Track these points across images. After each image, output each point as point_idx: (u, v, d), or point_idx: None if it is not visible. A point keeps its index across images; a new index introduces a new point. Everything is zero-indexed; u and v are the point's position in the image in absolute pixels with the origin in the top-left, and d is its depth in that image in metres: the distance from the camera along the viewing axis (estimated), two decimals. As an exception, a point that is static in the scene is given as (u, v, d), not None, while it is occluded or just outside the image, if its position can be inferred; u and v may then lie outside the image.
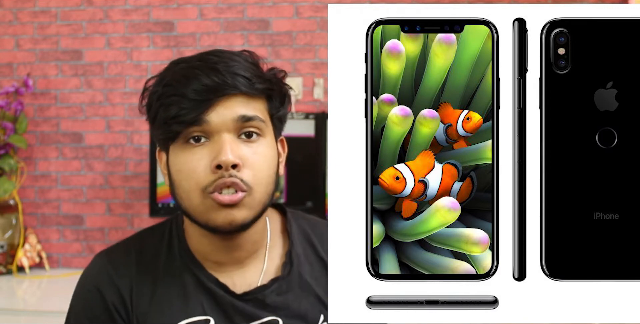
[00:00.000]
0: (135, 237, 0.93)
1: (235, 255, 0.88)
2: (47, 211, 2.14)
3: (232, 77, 0.80)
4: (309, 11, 2.09)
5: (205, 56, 0.84)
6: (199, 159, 0.81)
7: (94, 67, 2.14)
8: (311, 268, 0.91)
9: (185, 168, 0.82)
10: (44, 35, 2.15)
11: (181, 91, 0.80)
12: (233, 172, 0.80)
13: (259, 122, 0.82)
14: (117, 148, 2.13)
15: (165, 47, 2.13)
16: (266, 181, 0.83)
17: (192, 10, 2.12)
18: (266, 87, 0.84)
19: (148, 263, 0.89)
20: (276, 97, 0.86)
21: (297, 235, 0.93)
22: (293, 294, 0.88)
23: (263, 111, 0.84)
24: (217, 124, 0.80)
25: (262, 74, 0.84)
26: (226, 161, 0.79)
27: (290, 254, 0.90)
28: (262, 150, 0.83)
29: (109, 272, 0.88)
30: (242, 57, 0.84)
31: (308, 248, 0.92)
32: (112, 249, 0.92)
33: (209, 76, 0.80)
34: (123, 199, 2.12)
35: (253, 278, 0.89)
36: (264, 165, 0.83)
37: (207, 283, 0.87)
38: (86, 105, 2.14)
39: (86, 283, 0.90)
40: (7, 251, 2.02)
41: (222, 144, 0.80)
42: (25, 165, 2.12)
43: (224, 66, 0.81)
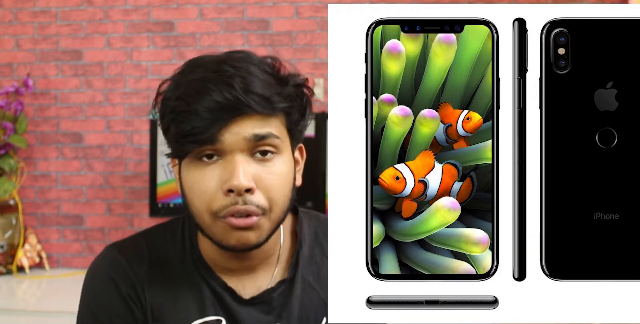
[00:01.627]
0: (146, 234, 0.91)
1: (247, 264, 0.87)
2: (47, 211, 2.14)
3: (247, 96, 0.76)
4: (309, 11, 2.09)
5: (220, 67, 0.78)
6: (210, 179, 0.78)
7: (94, 67, 2.14)
8: (317, 270, 0.90)
9: (196, 187, 0.79)
10: (44, 35, 2.15)
11: (193, 107, 0.76)
12: (247, 196, 0.77)
13: (274, 139, 0.79)
14: (117, 148, 2.13)
15: (165, 47, 2.12)
16: (282, 201, 0.81)
17: (192, 10, 2.12)
18: (286, 106, 0.80)
19: (160, 263, 0.88)
20: (296, 112, 0.82)
21: (306, 236, 0.91)
22: (296, 296, 0.88)
23: (280, 127, 0.80)
24: (230, 143, 0.77)
25: (281, 90, 0.80)
26: (238, 185, 0.76)
27: (297, 256, 0.89)
28: (278, 169, 0.80)
29: (122, 264, 0.87)
30: (261, 67, 0.79)
31: (316, 249, 0.91)
32: (123, 243, 0.90)
33: (222, 93, 0.76)
34: (123, 199, 2.12)
35: (264, 281, 0.88)
36: (279, 186, 0.80)
37: (217, 287, 0.86)
38: (86, 105, 2.14)
39: (98, 273, 0.88)
40: (7, 251, 2.02)
41: (234, 165, 0.77)
42: (25, 165, 2.12)
43: (239, 81, 0.76)
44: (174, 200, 1.91)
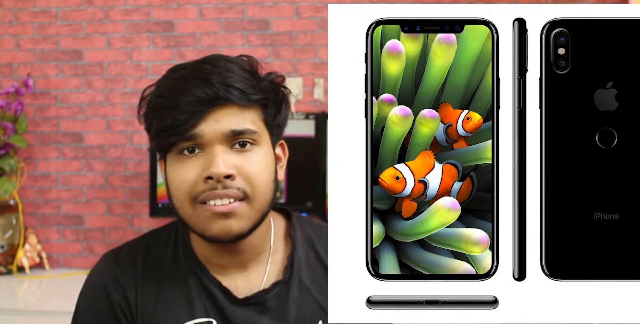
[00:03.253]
0: (142, 240, 0.93)
1: (238, 259, 0.88)
2: (47, 211, 2.14)
3: (224, 90, 0.80)
4: (309, 11, 2.09)
5: (199, 65, 0.83)
6: (190, 169, 0.81)
7: (94, 67, 2.14)
8: (312, 273, 0.91)
9: (176, 178, 0.82)
10: (44, 35, 2.15)
11: (174, 102, 0.80)
12: (227, 182, 0.80)
13: (251, 134, 0.82)
14: (117, 148, 2.13)
15: (165, 47, 2.13)
16: (264, 189, 0.83)
17: (192, 10, 2.12)
18: (261, 98, 0.83)
19: (154, 265, 0.89)
20: (272, 105, 0.85)
21: (300, 240, 0.93)
22: (292, 299, 0.88)
23: (257, 120, 0.84)
24: (209, 136, 0.80)
25: (257, 83, 0.83)
26: (217, 172, 0.79)
27: (292, 258, 0.91)
28: (258, 158, 0.83)
29: (115, 272, 0.89)
30: (238, 64, 0.83)
31: (310, 253, 0.92)
32: (119, 250, 0.92)
33: (201, 88, 0.80)
34: (123, 199, 2.12)
35: (256, 281, 0.89)
36: (259, 173, 0.82)
37: (210, 286, 0.87)
38: (86, 105, 2.14)
39: (92, 282, 0.90)
40: (7, 251, 2.02)
41: (213, 155, 0.80)
42: (25, 165, 2.12)
43: (217, 77, 0.80)
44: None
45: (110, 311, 0.87)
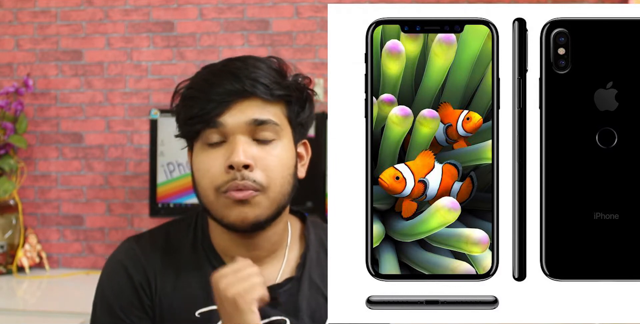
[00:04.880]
0: (163, 227, 0.97)
1: (255, 254, 0.90)
2: (47, 211, 2.14)
3: (251, 84, 0.84)
4: (309, 11, 2.09)
5: (229, 62, 0.88)
6: (214, 159, 0.85)
7: (94, 67, 2.14)
8: (322, 272, 0.93)
9: (202, 167, 0.86)
10: (44, 35, 2.15)
11: (203, 92, 0.85)
12: (245, 172, 0.83)
13: (273, 126, 0.86)
14: (117, 148, 2.13)
15: (165, 47, 2.12)
16: (280, 181, 0.86)
17: (192, 10, 2.12)
18: (284, 94, 0.87)
19: (173, 252, 0.92)
20: (295, 102, 0.89)
21: (313, 241, 0.96)
22: (303, 295, 0.91)
23: (279, 114, 0.87)
24: (232, 126, 0.84)
25: (282, 80, 0.87)
26: (238, 161, 0.83)
27: (305, 257, 0.94)
28: (277, 152, 0.86)
29: (136, 253, 0.92)
30: (266, 63, 0.88)
31: (322, 253, 0.95)
32: (140, 236, 0.96)
33: (229, 81, 0.85)
34: (123, 199, 2.12)
35: (270, 276, 0.91)
36: (278, 166, 0.86)
37: None
38: (86, 105, 2.14)
39: (113, 263, 0.93)
40: (7, 251, 2.02)
41: (235, 145, 0.84)
42: (25, 165, 2.12)
43: (245, 72, 0.85)
44: (174, 200, 1.91)
45: (131, 289, 0.90)
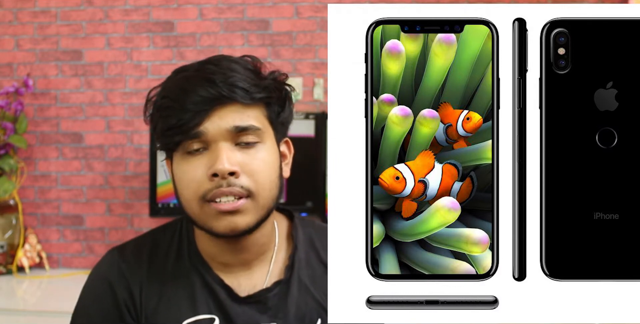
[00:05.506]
0: (147, 236, 0.94)
1: (242, 257, 0.89)
2: (47, 211, 2.14)
3: (228, 89, 0.81)
4: (309, 11, 2.09)
5: (203, 66, 0.84)
6: (195, 168, 0.82)
7: (94, 67, 2.14)
8: (312, 272, 0.92)
9: (184, 177, 0.83)
10: (44, 35, 2.15)
11: (178, 102, 0.81)
12: (231, 179, 0.81)
13: (255, 131, 0.83)
14: (117, 148, 2.13)
15: (165, 47, 2.12)
16: (269, 185, 0.84)
17: (192, 10, 2.12)
18: (264, 96, 0.84)
19: (159, 262, 0.90)
20: (275, 102, 0.86)
21: (301, 240, 0.94)
22: (292, 298, 0.89)
23: (260, 117, 0.84)
24: (214, 134, 0.81)
25: (260, 82, 0.84)
26: (222, 169, 0.80)
27: (293, 258, 0.91)
28: (262, 155, 0.83)
29: (120, 268, 0.89)
30: (241, 64, 0.84)
31: (311, 253, 0.93)
32: (125, 247, 0.93)
33: (205, 88, 0.81)
34: (123, 199, 2.12)
35: (259, 280, 0.90)
36: (264, 170, 0.83)
37: (213, 283, 0.88)
38: (86, 105, 2.14)
39: (97, 277, 0.90)
40: (7, 251, 2.02)
41: (218, 153, 0.81)
42: (25, 165, 2.12)
43: (221, 77, 0.81)
44: (174, 200, 1.91)
45: (114, 307, 0.87)
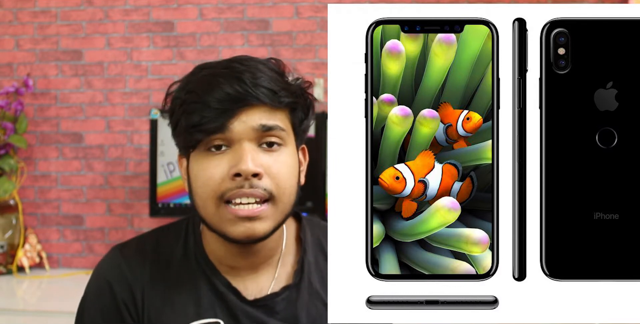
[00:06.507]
0: (151, 235, 0.92)
1: (250, 260, 0.88)
2: (47, 211, 2.14)
3: (256, 89, 0.79)
4: (309, 11, 2.09)
5: (230, 64, 0.82)
6: (216, 166, 0.80)
7: (94, 67, 2.14)
8: (321, 276, 0.90)
9: (202, 175, 0.80)
10: (44, 35, 2.15)
11: (204, 99, 0.79)
12: (254, 181, 0.79)
13: (280, 132, 0.81)
14: (117, 148, 2.13)
15: (165, 47, 2.12)
16: (289, 190, 0.82)
17: (192, 10, 2.12)
18: (291, 101, 0.83)
19: (163, 263, 0.88)
20: (300, 109, 0.85)
21: (310, 243, 0.92)
22: (302, 302, 0.88)
23: (285, 121, 0.83)
24: (239, 132, 0.79)
25: (288, 86, 0.83)
26: (246, 169, 0.78)
27: (303, 262, 0.90)
28: (284, 159, 0.82)
29: (121, 268, 0.88)
30: (268, 66, 0.83)
31: (320, 256, 0.92)
32: (127, 245, 0.91)
33: (232, 86, 0.79)
34: (123, 199, 2.12)
35: (265, 283, 0.89)
36: (286, 174, 0.81)
37: (220, 286, 0.87)
38: (86, 105, 2.14)
39: (98, 275, 0.89)
40: (7, 251, 2.02)
41: (242, 152, 0.79)
42: (25, 165, 2.12)
43: (249, 76, 0.80)
44: (174, 200, 1.91)
45: (114, 307, 0.86)
